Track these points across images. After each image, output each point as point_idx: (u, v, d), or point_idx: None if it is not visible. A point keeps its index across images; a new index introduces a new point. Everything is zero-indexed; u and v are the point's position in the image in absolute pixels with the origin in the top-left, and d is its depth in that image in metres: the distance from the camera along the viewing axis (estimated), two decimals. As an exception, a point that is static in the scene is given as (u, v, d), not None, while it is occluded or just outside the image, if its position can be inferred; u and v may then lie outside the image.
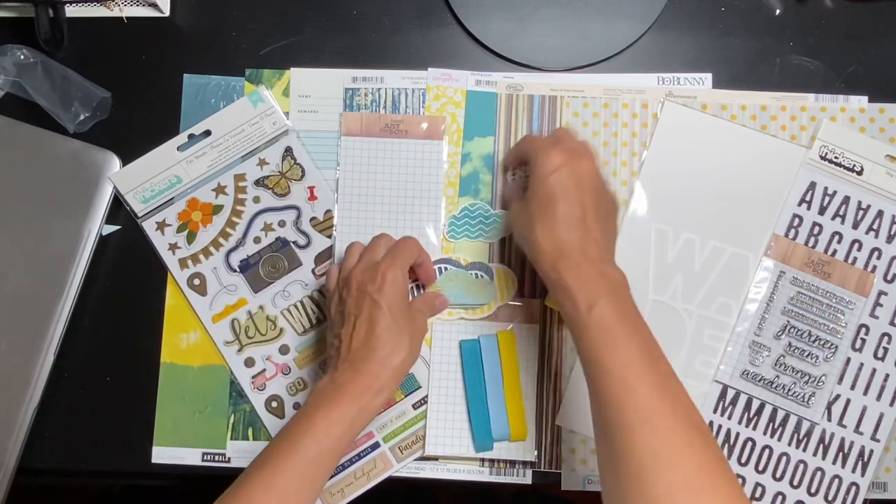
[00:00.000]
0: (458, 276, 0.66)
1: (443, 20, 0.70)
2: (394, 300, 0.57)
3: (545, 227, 0.56)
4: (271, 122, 0.68)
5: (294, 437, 0.53)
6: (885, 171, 0.66)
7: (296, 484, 0.52)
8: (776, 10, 0.70)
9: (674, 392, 0.49)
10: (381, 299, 0.57)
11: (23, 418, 0.63)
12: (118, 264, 0.68)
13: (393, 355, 0.56)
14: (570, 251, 0.54)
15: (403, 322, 0.58)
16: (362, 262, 0.60)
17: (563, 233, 0.55)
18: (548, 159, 0.56)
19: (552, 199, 0.56)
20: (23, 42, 0.67)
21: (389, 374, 0.56)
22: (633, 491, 0.46)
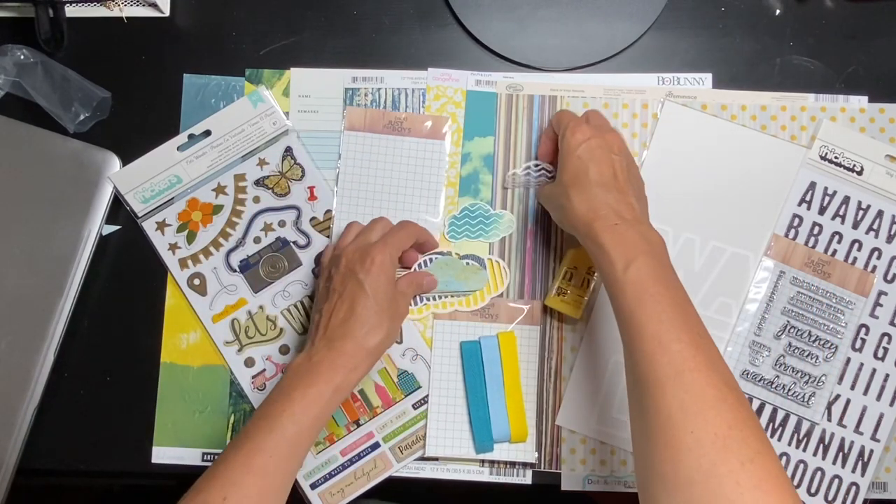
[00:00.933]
0: (448, 264, 0.67)
1: (443, 20, 0.70)
2: (378, 283, 0.58)
3: (579, 192, 0.57)
4: (271, 122, 0.68)
5: (271, 416, 0.53)
6: (885, 171, 0.66)
7: (274, 462, 0.52)
8: (776, 10, 0.70)
9: (706, 350, 0.49)
10: (365, 281, 0.58)
11: (23, 418, 0.63)
12: (118, 264, 0.68)
13: (370, 336, 0.57)
14: (607, 212, 0.55)
15: (385, 305, 0.58)
16: (356, 241, 0.61)
17: (599, 195, 0.56)
18: (576, 132, 0.59)
19: (584, 166, 0.57)
20: (23, 42, 0.67)
21: (364, 353, 0.57)
22: (659, 442, 0.46)
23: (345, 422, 0.66)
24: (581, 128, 0.59)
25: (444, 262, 0.67)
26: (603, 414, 0.65)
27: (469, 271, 0.66)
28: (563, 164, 0.59)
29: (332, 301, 0.59)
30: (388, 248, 0.59)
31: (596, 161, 0.57)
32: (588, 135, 0.58)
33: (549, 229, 0.67)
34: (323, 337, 0.58)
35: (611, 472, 0.65)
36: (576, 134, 0.59)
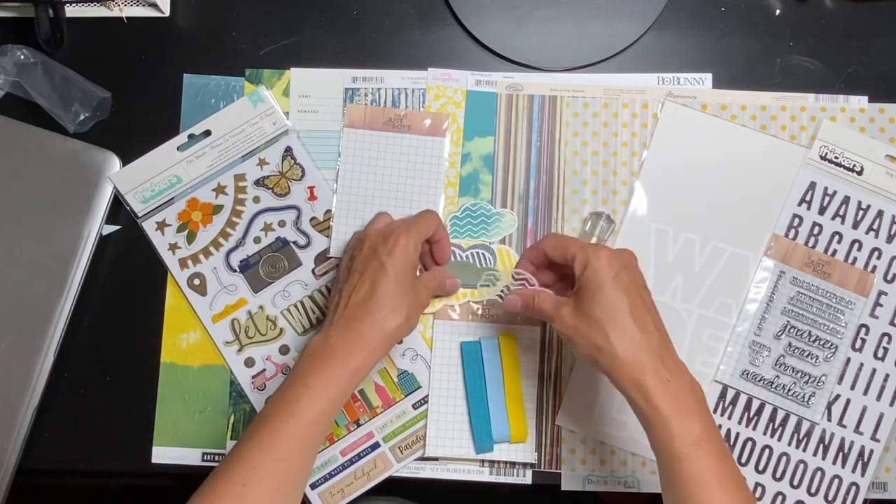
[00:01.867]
0: (465, 267, 0.66)
1: (443, 20, 0.70)
2: (401, 266, 0.58)
3: (620, 334, 0.53)
4: (271, 122, 0.68)
5: (290, 399, 0.53)
6: (885, 171, 0.66)
7: (297, 443, 0.52)
8: (776, 10, 0.70)
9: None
10: (388, 262, 0.58)
11: (23, 418, 0.63)
12: (118, 264, 0.68)
13: (389, 319, 0.57)
14: (655, 364, 0.52)
15: (406, 290, 0.58)
16: (381, 224, 0.62)
17: (642, 340, 0.53)
18: (605, 261, 0.55)
19: (621, 303, 0.53)
20: (23, 42, 0.67)
21: (381, 336, 0.56)
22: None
23: (345, 422, 0.66)
24: (604, 253, 0.55)
25: (460, 266, 0.66)
26: (603, 414, 0.65)
27: (485, 273, 0.66)
28: (594, 297, 0.54)
29: (353, 281, 0.58)
30: (412, 231, 0.59)
31: (632, 302, 0.53)
32: (618, 263, 0.55)
33: (550, 228, 0.67)
34: (342, 317, 0.57)
35: (611, 472, 0.65)
36: (607, 262, 0.54)
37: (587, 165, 0.68)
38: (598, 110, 0.68)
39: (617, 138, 0.68)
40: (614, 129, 0.68)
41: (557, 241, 0.59)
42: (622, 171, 0.68)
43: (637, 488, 0.65)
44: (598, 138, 0.68)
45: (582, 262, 0.55)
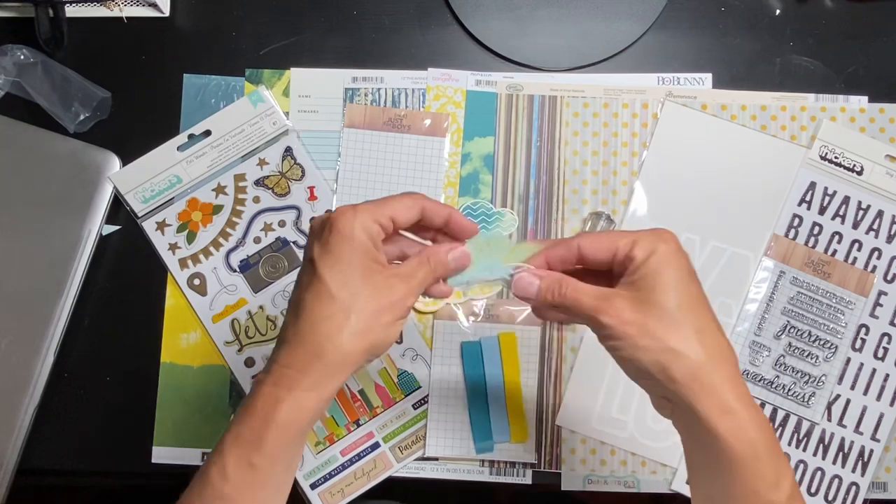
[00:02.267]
0: (492, 243, 0.49)
1: (443, 20, 0.70)
2: (339, 259, 0.42)
3: (708, 337, 0.42)
4: (271, 122, 0.68)
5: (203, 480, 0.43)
6: (885, 171, 0.66)
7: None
8: (776, 10, 0.70)
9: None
10: (319, 259, 0.43)
11: (23, 418, 0.63)
12: (118, 264, 0.68)
13: (331, 338, 0.42)
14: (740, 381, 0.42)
15: (357, 289, 0.43)
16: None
17: (727, 347, 0.42)
18: (675, 244, 0.44)
19: (701, 297, 0.43)
20: (23, 42, 0.67)
21: (321, 366, 0.42)
22: None
23: (345, 422, 0.66)
24: (675, 238, 0.44)
25: (485, 241, 0.48)
26: (603, 414, 0.65)
27: (522, 251, 0.48)
28: (669, 286, 0.42)
29: (291, 296, 0.45)
30: (360, 213, 0.43)
31: (704, 293, 0.43)
32: (683, 249, 0.44)
33: (550, 228, 0.67)
34: (276, 345, 0.45)
35: (611, 472, 0.65)
36: (673, 245, 0.43)
37: (587, 165, 0.68)
38: (598, 110, 0.68)
39: (617, 138, 0.68)
40: (614, 129, 0.68)
41: (597, 237, 0.45)
42: (622, 171, 0.68)
43: (637, 488, 0.65)
44: (598, 138, 0.68)
45: (646, 247, 0.43)
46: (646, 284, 0.42)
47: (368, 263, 0.44)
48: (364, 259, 0.43)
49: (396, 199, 0.46)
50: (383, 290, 0.44)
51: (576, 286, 0.44)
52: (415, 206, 0.46)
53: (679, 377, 0.41)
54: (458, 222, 0.48)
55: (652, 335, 0.41)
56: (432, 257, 0.47)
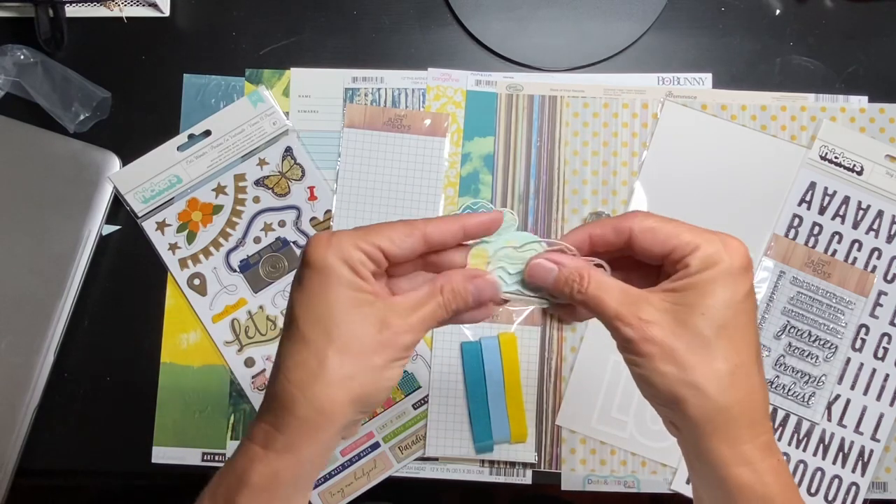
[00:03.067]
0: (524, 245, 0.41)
1: (443, 20, 0.70)
2: (310, 291, 0.37)
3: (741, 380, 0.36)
4: (271, 122, 0.68)
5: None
6: (885, 171, 0.66)
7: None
8: (776, 10, 0.70)
9: None
10: (297, 302, 0.38)
11: (23, 418, 0.63)
12: (118, 264, 0.68)
13: (294, 389, 0.36)
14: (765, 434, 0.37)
15: (332, 328, 0.37)
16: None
17: (760, 392, 0.37)
18: (740, 261, 0.37)
19: (750, 332, 0.37)
20: (23, 42, 0.67)
21: (298, 425, 0.36)
22: None
23: (345, 422, 0.66)
24: (743, 252, 0.37)
25: (510, 252, 0.41)
26: (603, 414, 0.65)
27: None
28: (714, 313, 0.36)
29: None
30: (336, 240, 0.38)
31: (756, 326, 0.37)
32: (750, 271, 0.37)
33: (550, 228, 0.67)
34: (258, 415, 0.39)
35: (611, 472, 0.65)
36: (737, 261, 0.37)
37: (587, 165, 0.68)
38: (598, 110, 0.68)
39: (617, 138, 0.68)
40: (614, 129, 0.68)
41: (656, 227, 0.38)
42: (622, 171, 0.68)
43: (637, 488, 0.65)
44: (598, 138, 0.68)
45: (706, 257, 0.36)
46: (688, 299, 0.36)
47: (350, 295, 0.37)
48: (343, 291, 0.37)
49: (386, 225, 0.39)
50: (371, 326, 0.37)
51: (599, 282, 0.38)
52: (412, 234, 0.38)
53: (694, 416, 0.36)
54: (475, 225, 0.40)
55: (676, 361, 0.36)
56: (446, 286, 0.39)
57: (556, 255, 0.40)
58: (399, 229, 0.38)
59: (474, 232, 0.40)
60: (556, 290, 0.40)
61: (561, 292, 0.40)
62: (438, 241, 0.39)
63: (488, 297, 0.40)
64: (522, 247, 0.41)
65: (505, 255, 0.41)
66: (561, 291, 0.39)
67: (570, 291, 0.39)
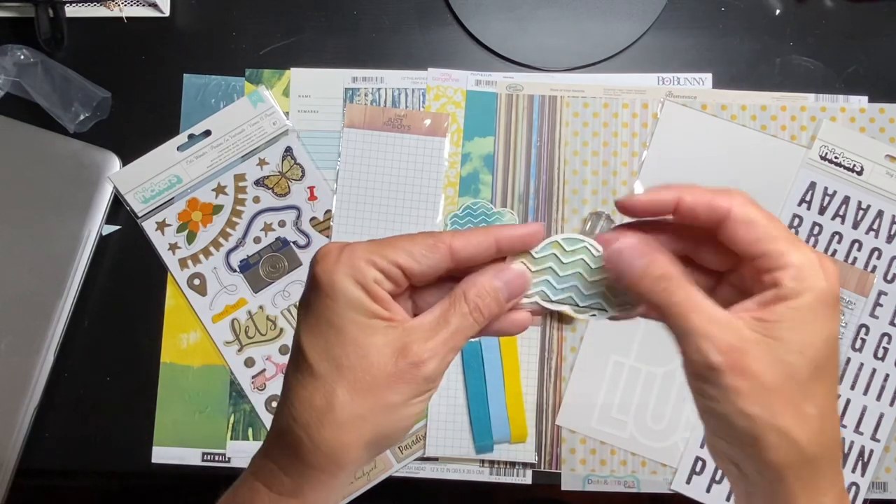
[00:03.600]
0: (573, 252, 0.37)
1: (443, 20, 0.70)
2: (317, 316, 0.33)
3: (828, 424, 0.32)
4: (271, 122, 0.68)
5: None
6: (885, 171, 0.66)
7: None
8: (776, 10, 0.70)
9: None
10: (300, 315, 0.35)
11: (23, 418, 0.63)
12: (118, 264, 0.68)
13: (300, 431, 0.33)
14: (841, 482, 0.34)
15: (341, 359, 0.33)
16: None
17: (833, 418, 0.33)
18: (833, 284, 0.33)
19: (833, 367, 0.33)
20: (23, 42, 0.67)
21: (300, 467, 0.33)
22: None
23: (345, 422, 0.65)
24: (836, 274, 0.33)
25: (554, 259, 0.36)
26: (603, 414, 0.65)
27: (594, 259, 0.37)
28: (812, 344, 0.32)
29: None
30: (346, 254, 0.33)
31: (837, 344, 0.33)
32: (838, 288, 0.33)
33: (550, 228, 0.67)
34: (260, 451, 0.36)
35: (611, 472, 0.65)
36: (835, 287, 0.33)
37: (587, 165, 0.68)
38: (598, 110, 0.68)
39: (617, 138, 0.68)
40: (614, 129, 0.68)
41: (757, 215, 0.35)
42: (622, 171, 0.68)
43: (637, 488, 0.65)
44: (598, 138, 0.68)
45: (803, 277, 0.32)
46: (783, 332, 0.31)
47: (362, 322, 0.32)
48: (354, 317, 0.32)
49: (407, 240, 0.34)
50: (386, 357, 0.32)
51: (689, 293, 0.33)
52: (436, 249, 0.34)
53: (775, 463, 0.32)
54: (510, 239, 0.35)
55: (767, 403, 0.31)
56: (470, 291, 0.34)
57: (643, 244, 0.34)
58: (421, 243, 0.33)
59: (509, 247, 0.35)
60: (630, 282, 0.34)
61: (638, 287, 0.34)
62: (467, 257, 0.34)
63: (520, 290, 0.35)
64: (573, 251, 0.36)
65: (551, 257, 0.36)
66: (638, 286, 0.34)
67: (651, 291, 0.33)
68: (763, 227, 0.33)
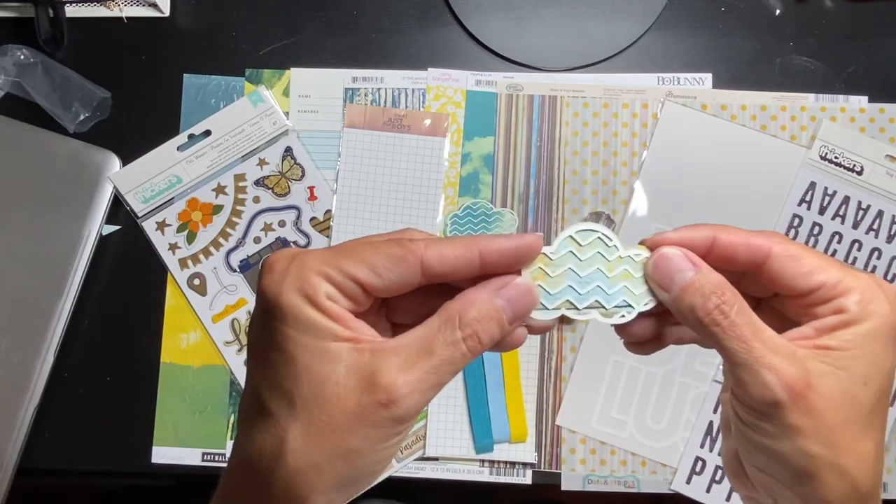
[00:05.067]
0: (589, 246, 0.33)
1: (443, 20, 0.70)
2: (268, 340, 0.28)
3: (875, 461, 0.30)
4: (271, 122, 0.68)
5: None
6: (885, 171, 0.66)
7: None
8: (776, 10, 0.70)
9: None
10: (249, 345, 0.30)
11: (23, 418, 0.63)
12: (118, 264, 0.68)
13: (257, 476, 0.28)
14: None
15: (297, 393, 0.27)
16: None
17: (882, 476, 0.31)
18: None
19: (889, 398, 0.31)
20: (23, 42, 0.67)
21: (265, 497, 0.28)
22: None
23: (345, 422, 0.65)
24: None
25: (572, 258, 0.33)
26: (603, 414, 0.65)
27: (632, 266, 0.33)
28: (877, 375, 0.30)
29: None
30: (296, 264, 0.28)
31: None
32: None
33: (550, 228, 0.67)
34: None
35: (611, 472, 0.65)
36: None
37: (587, 165, 0.68)
38: (598, 110, 0.68)
39: (617, 138, 0.68)
40: (614, 129, 0.68)
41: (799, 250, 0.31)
42: (622, 171, 0.68)
43: (637, 488, 0.65)
44: (598, 138, 0.68)
45: (866, 305, 0.30)
46: (849, 361, 0.29)
47: (315, 346, 0.27)
48: (305, 340, 0.27)
49: (370, 249, 0.28)
50: (348, 389, 0.27)
51: (749, 316, 0.29)
52: (403, 262, 0.28)
53: (830, 501, 0.29)
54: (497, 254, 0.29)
55: (830, 442, 0.28)
56: (468, 313, 0.28)
57: (691, 254, 0.31)
58: (386, 254, 0.28)
59: (497, 263, 0.29)
60: (678, 302, 0.30)
61: (685, 307, 0.30)
62: (442, 273, 0.29)
63: (526, 309, 0.30)
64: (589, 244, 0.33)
65: (568, 257, 0.33)
66: (686, 306, 0.30)
67: (703, 310, 0.30)
68: (810, 261, 0.30)
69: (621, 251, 0.33)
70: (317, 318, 0.27)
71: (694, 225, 0.32)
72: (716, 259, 0.31)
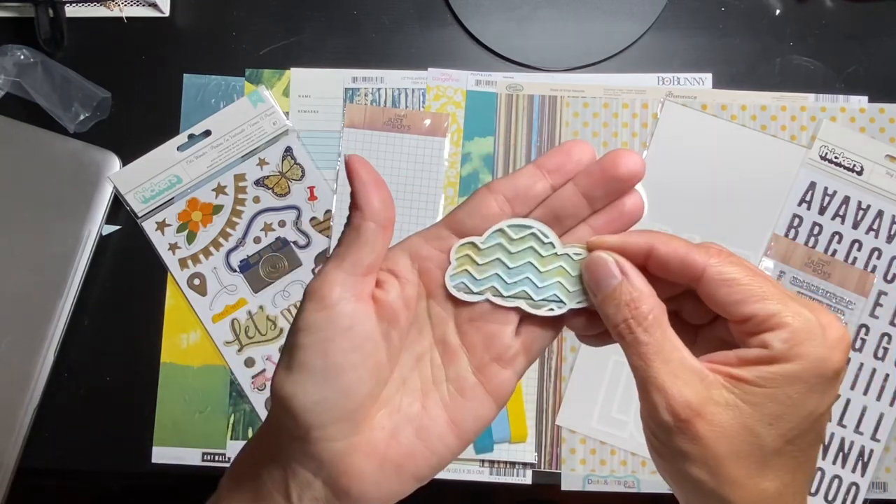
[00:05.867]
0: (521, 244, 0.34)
1: (443, 20, 0.70)
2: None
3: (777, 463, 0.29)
4: (271, 122, 0.68)
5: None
6: (885, 171, 0.66)
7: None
8: (776, 10, 0.70)
9: None
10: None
11: (23, 418, 0.63)
12: (118, 264, 0.68)
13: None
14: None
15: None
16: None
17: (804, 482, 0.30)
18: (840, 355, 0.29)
19: (819, 440, 0.30)
20: (23, 42, 0.67)
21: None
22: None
23: (345, 422, 0.66)
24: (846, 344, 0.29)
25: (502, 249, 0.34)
26: (603, 414, 0.65)
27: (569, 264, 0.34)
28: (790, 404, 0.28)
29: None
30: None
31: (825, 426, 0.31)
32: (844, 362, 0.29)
33: (549, 229, 0.67)
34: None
35: (611, 472, 0.65)
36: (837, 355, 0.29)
37: (587, 165, 0.68)
38: (598, 110, 0.68)
39: (617, 138, 0.68)
40: (614, 129, 0.68)
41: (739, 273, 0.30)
42: (622, 171, 0.67)
43: (637, 488, 0.65)
44: (598, 138, 0.68)
45: (795, 345, 0.28)
46: (761, 399, 0.28)
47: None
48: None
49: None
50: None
51: (660, 334, 0.29)
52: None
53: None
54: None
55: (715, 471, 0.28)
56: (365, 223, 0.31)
57: (624, 261, 0.31)
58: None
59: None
60: (600, 309, 0.31)
61: (603, 314, 0.31)
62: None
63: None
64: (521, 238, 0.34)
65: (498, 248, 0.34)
66: (603, 314, 0.31)
67: (612, 321, 0.30)
68: (746, 288, 0.29)
69: (558, 248, 0.34)
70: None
71: (636, 231, 0.32)
72: (652, 269, 0.31)
